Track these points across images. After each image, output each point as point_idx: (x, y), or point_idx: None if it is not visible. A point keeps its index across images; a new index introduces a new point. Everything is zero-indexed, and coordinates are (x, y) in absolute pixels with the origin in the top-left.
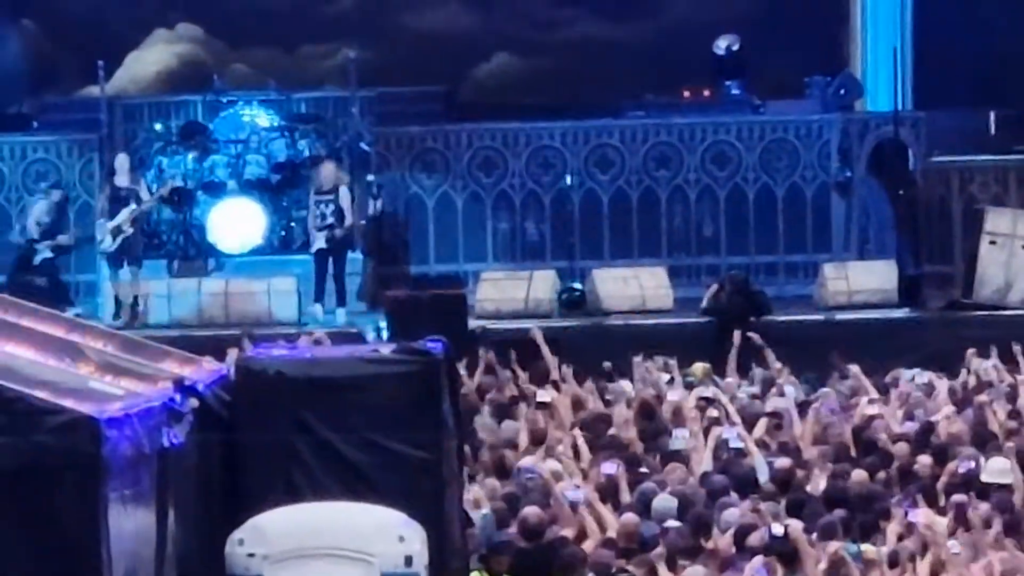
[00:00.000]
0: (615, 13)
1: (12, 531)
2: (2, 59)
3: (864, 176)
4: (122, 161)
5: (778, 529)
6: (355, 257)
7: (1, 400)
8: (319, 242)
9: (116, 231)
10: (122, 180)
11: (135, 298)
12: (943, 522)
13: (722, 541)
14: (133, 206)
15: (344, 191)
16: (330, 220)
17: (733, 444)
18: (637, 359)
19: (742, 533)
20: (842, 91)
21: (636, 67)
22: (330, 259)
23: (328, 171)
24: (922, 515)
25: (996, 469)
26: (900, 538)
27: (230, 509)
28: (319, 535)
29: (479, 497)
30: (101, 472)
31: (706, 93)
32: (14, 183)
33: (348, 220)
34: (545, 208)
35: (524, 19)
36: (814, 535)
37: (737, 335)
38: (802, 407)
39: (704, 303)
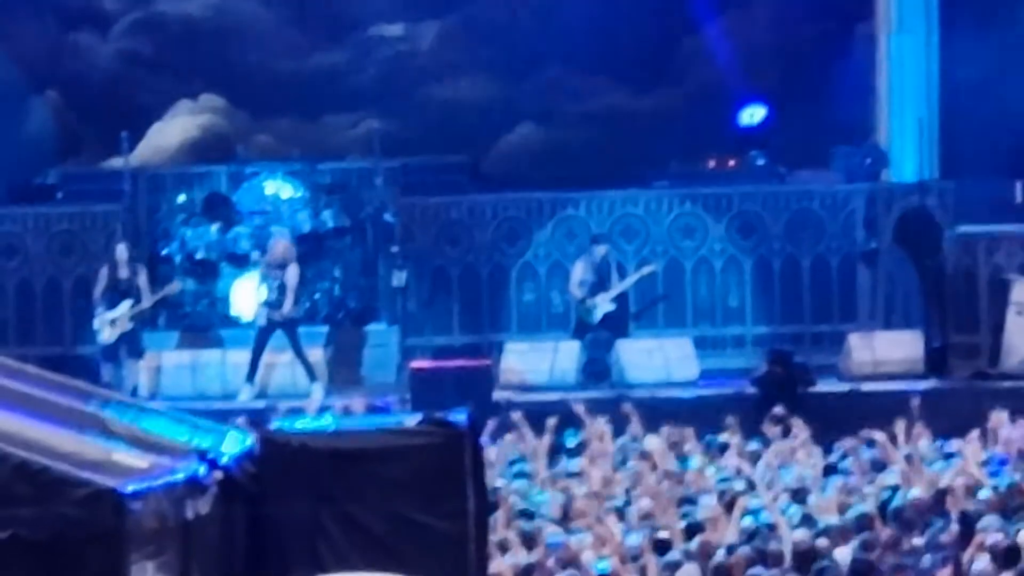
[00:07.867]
0: (640, 83)
1: None
2: (26, 130)
3: (890, 246)
4: (121, 252)
5: None
6: (379, 328)
7: (25, 472)
8: (261, 318)
9: (113, 323)
10: (123, 272)
11: (134, 388)
12: None
13: None
14: (131, 301)
15: (292, 269)
16: (275, 295)
17: (761, 516)
18: (663, 429)
19: None
20: (868, 161)
21: (661, 137)
22: (271, 336)
23: (280, 246)
24: None
25: None
26: None
27: None
28: None
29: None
30: (124, 545)
31: (731, 163)
32: (37, 254)
33: (288, 300)
34: (570, 278)
35: (548, 89)
36: None
37: (778, 408)
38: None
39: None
